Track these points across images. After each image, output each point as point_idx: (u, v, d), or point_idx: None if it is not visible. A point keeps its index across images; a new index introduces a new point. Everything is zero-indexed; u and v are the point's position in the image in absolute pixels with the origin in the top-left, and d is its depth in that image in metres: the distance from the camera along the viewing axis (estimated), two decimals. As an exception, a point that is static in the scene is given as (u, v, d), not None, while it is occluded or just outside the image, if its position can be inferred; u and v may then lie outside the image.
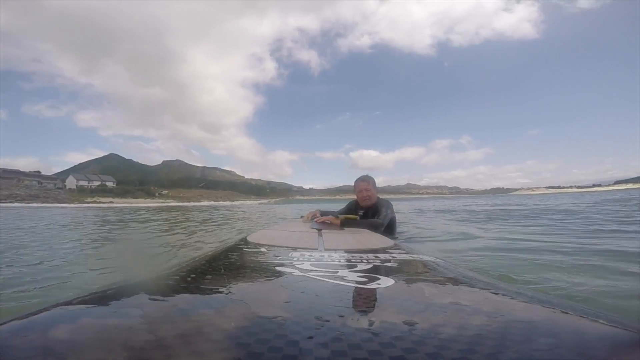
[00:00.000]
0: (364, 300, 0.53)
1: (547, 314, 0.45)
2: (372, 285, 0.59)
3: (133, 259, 0.95)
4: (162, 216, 9.89)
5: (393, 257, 0.96)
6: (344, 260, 0.86)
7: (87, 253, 3.03)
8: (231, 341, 0.34)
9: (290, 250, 1.07)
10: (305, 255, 0.94)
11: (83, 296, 0.50)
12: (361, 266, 0.78)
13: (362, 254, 0.97)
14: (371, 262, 0.84)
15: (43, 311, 0.43)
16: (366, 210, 2.78)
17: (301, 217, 3.02)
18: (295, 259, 0.87)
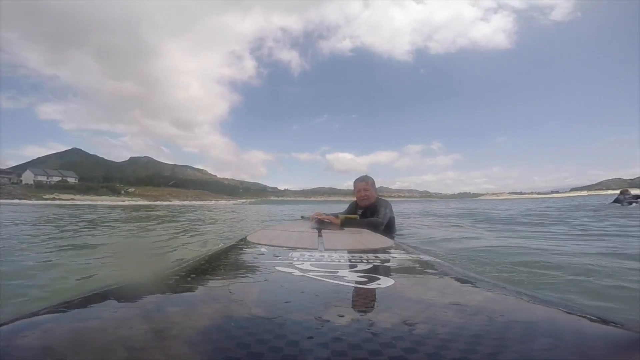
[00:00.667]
0: (364, 300, 0.53)
1: (547, 314, 0.45)
2: (372, 285, 0.59)
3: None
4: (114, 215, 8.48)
5: (393, 257, 0.96)
6: (343, 260, 0.86)
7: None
8: (231, 341, 0.34)
9: (290, 250, 1.07)
10: (305, 255, 0.94)
11: (83, 296, 0.50)
12: (361, 266, 0.78)
13: (362, 254, 0.97)
14: (371, 262, 0.84)
15: (43, 311, 0.42)
16: (365, 210, 2.78)
17: (301, 217, 3.00)
18: (295, 259, 0.87)
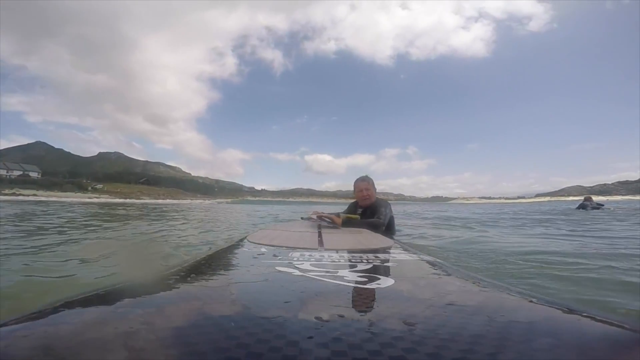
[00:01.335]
0: (364, 300, 0.53)
1: (547, 314, 0.45)
2: (372, 285, 0.59)
3: None
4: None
5: (393, 257, 0.96)
6: (343, 260, 0.87)
7: None
8: (231, 341, 0.34)
9: (290, 250, 1.06)
10: (305, 255, 0.94)
11: (83, 296, 0.50)
12: (361, 266, 0.78)
13: (362, 254, 0.97)
14: (371, 262, 0.84)
15: (43, 311, 0.43)
16: (365, 210, 2.78)
17: (302, 217, 3.01)
18: (295, 259, 0.87)
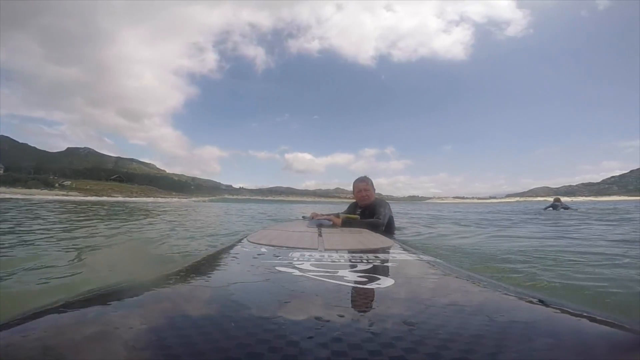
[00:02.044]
0: (364, 300, 0.53)
1: (547, 314, 0.45)
2: (372, 285, 0.59)
3: None
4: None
5: (393, 257, 0.96)
6: (343, 260, 0.86)
7: None
8: (231, 341, 0.34)
9: (290, 250, 1.06)
10: (305, 255, 0.94)
11: (83, 296, 0.50)
12: (361, 266, 0.78)
13: (362, 254, 0.97)
14: (371, 262, 0.84)
15: (43, 311, 0.42)
16: (364, 210, 2.79)
17: (302, 217, 3.00)
18: (295, 259, 0.87)
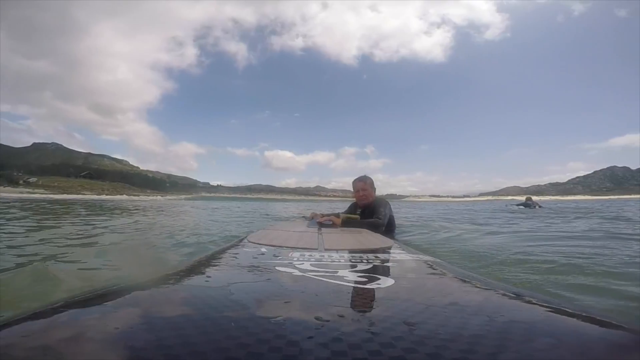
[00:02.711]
0: (364, 300, 0.53)
1: (547, 314, 0.45)
2: (372, 285, 0.59)
3: None
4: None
5: (393, 257, 0.96)
6: (343, 260, 0.86)
7: None
8: (231, 341, 0.34)
9: (290, 250, 1.06)
10: (305, 255, 0.94)
11: (83, 296, 0.50)
12: (361, 266, 0.78)
13: (362, 254, 0.97)
14: (371, 262, 0.84)
15: (43, 311, 0.42)
16: (364, 210, 2.78)
17: (303, 217, 3.00)
18: (295, 259, 0.87)
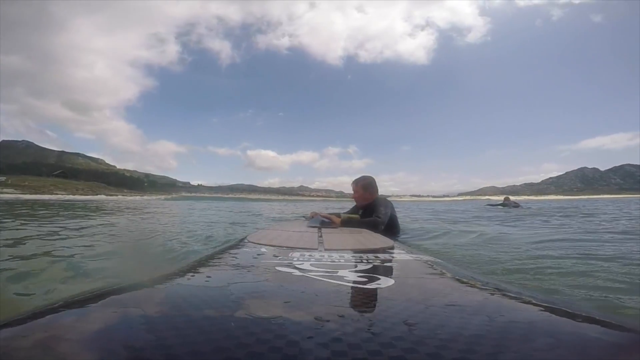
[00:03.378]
0: (364, 300, 0.53)
1: (547, 314, 0.45)
2: (372, 285, 0.59)
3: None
4: None
5: (393, 257, 0.96)
6: (343, 260, 0.86)
7: None
8: (231, 341, 0.33)
9: (290, 250, 1.06)
10: (305, 255, 0.94)
11: (83, 296, 0.50)
12: (361, 266, 0.78)
13: (362, 254, 0.97)
14: (371, 262, 0.84)
15: (43, 311, 0.43)
16: (365, 210, 2.79)
17: (303, 217, 3.00)
18: (295, 259, 0.87)
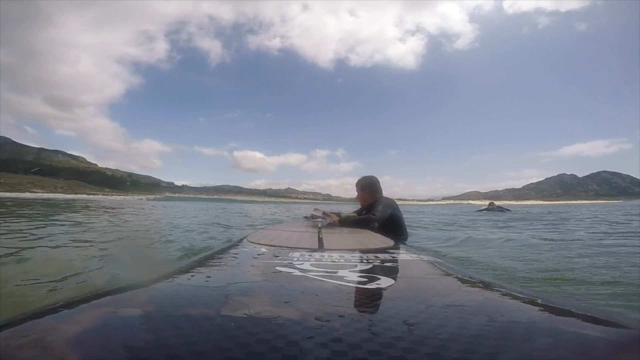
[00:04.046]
0: (364, 300, 0.53)
1: (547, 314, 0.45)
2: (372, 285, 0.59)
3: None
4: None
5: (393, 257, 0.96)
6: (343, 260, 0.86)
7: None
8: (231, 341, 0.33)
9: (290, 250, 1.06)
10: (305, 255, 0.94)
11: (83, 296, 0.50)
12: (361, 266, 0.78)
13: (362, 254, 0.97)
14: (371, 262, 0.84)
15: (43, 311, 0.42)
16: (367, 210, 2.78)
17: (304, 217, 3.00)
18: (295, 259, 0.87)
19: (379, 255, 0.97)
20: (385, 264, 0.83)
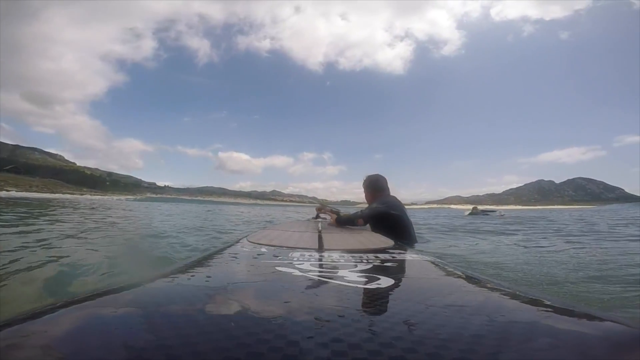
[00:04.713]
0: (364, 300, 0.53)
1: (547, 314, 0.45)
2: (372, 285, 0.59)
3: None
4: None
5: (393, 257, 0.96)
6: (343, 260, 0.86)
7: None
8: (231, 341, 0.33)
9: (290, 250, 1.07)
10: (305, 255, 0.94)
11: (83, 296, 0.49)
12: (361, 266, 0.78)
13: (362, 254, 0.98)
14: (371, 262, 0.84)
15: (43, 311, 0.42)
16: None
17: (312, 218, 2.96)
18: (295, 259, 0.87)
19: (379, 255, 0.97)
20: (385, 264, 0.83)
